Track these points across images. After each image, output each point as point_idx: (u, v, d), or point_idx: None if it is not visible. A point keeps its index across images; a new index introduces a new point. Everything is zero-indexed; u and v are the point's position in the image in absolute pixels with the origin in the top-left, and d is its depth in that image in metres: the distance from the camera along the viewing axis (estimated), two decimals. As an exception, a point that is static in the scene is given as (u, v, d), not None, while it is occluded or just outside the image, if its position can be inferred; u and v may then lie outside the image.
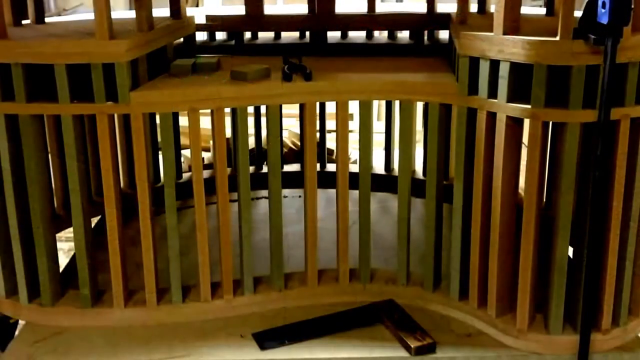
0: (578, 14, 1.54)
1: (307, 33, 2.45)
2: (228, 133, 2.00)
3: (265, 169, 2.62)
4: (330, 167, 2.66)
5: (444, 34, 2.40)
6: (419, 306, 1.93)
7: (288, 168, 2.71)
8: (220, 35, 2.54)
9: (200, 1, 6.67)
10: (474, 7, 2.22)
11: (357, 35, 2.54)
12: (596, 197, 1.61)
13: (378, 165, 2.68)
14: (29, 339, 1.83)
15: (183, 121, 2.09)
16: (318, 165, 2.57)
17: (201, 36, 2.50)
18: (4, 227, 1.84)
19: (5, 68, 1.70)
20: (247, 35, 2.53)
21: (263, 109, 2.37)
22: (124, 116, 2.32)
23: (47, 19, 2.22)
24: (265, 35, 2.53)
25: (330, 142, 2.47)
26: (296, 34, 2.54)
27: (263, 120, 2.46)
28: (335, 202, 1.93)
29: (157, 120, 2.05)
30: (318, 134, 2.59)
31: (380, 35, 2.62)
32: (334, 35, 2.48)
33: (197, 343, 1.80)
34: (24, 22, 2.10)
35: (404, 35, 2.52)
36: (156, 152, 2.43)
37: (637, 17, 1.56)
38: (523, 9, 1.75)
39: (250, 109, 2.24)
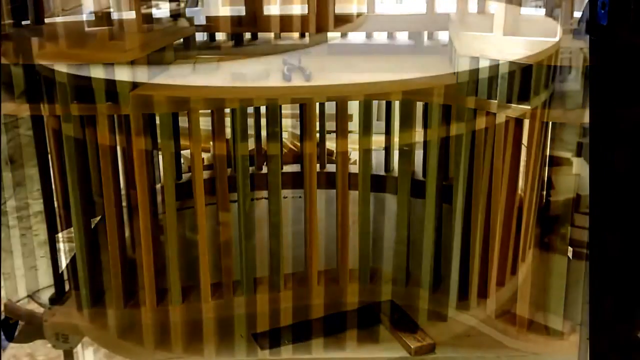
0: (578, 14, 1.54)
1: (307, 33, 2.45)
2: (228, 133, 2.00)
3: (265, 169, 2.62)
4: (330, 167, 2.65)
5: (444, 34, 2.40)
6: (419, 306, 1.93)
7: (288, 168, 2.71)
8: (220, 35, 2.54)
9: (200, 1, 6.68)
10: (473, 7, 2.22)
11: (357, 36, 2.54)
12: (596, 197, 1.61)
13: (378, 165, 2.68)
14: (28, 339, 1.83)
15: (183, 121, 2.08)
16: (318, 165, 2.57)
17: (201, 36, 2.50)
18: (5, 227, 1.84)
19: (5, 68, 1.70)
20: (247, 35, 2.53)
21: (263, 109, 2.37)
22: (124, 116, 2.31)
23: (47, 19, 2.22)
24: (265, 35, 2.52)
25: (330, 142, 2.47)
26: (296, 34, 2.54)
27: (263, 120, 2.46)
28: (335, 202, 1.93)
29: (157, 121, 2.05)
30: (318, 134, 2.59)
31: (380, 36, 2.62)
32: (334, 36, 2.48)
33: (197, 343, 1.80)
34: (24, 22, 2.10)
35: (404, 35, 2.52)
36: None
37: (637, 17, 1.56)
38: (523, 9, 1.75)
39: (250, 109, 2.24)
